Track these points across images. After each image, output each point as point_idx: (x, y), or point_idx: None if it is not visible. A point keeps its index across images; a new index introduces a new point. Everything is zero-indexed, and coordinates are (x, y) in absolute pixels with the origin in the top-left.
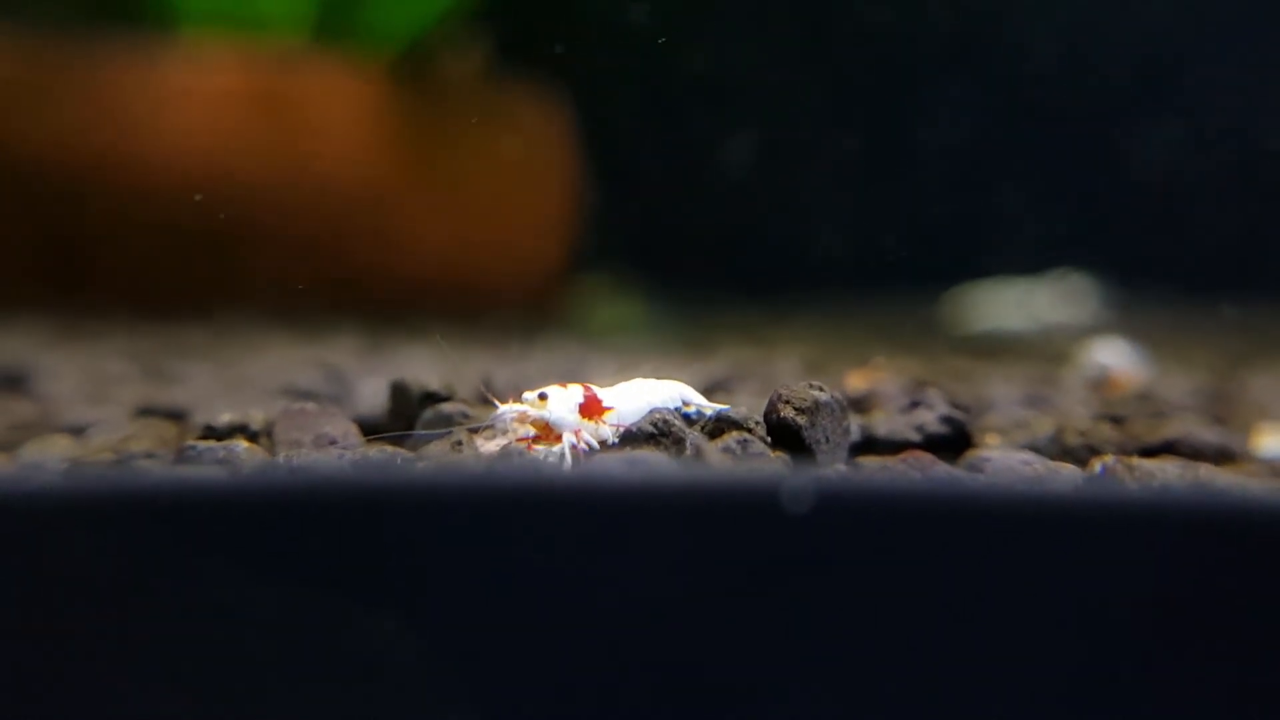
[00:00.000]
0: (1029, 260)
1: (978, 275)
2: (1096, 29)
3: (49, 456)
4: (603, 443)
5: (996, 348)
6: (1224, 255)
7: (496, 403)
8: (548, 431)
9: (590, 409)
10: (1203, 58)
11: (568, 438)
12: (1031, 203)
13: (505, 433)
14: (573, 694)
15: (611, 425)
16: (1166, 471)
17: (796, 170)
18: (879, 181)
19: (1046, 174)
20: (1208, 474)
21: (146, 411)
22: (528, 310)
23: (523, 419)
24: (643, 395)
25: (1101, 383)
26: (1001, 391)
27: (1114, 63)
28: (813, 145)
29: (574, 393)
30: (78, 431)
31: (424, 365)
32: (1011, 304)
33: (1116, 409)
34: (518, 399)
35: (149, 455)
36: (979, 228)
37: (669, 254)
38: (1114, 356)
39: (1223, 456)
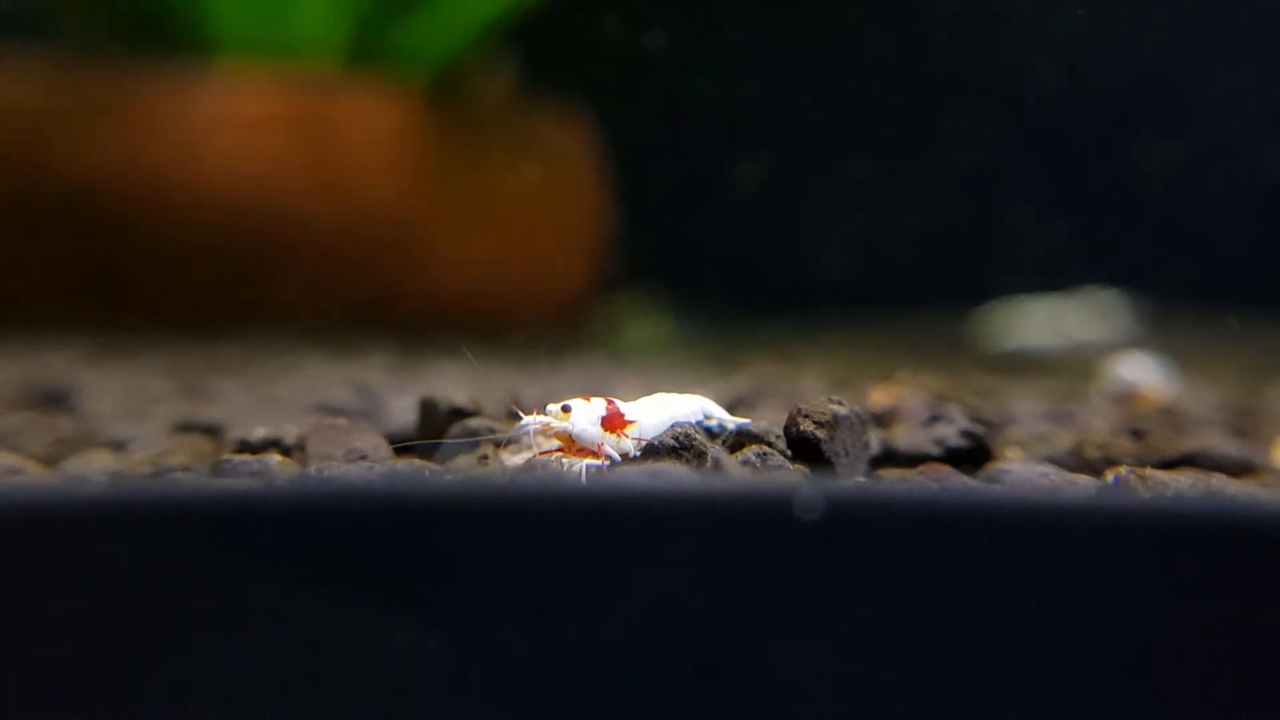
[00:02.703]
0: (1059, 277)
1: (1007, 292)
2: (1126, 43)
3: (90, 469)
4: (625, 456)
5: (1025, 365)
6: (1256, 270)
7: (521, 415)
8: (571, 444)
9: (612, 423)
10: (1233, 70)
11: (591, 445)
12: (1061, 219)
13: (529, 446)
14: (591, 696)
15: (633, 439)
16: (1179, 482)
17: (826, 187)
18: (908, 199)
19: (1076, 190)
20: (1220, 484)
21: (184, 427)
22: (558, 330)
23: (546, 431)
24: (665, 409)
25: (1126, 398)
26: (1024, 406)
27: (1144, 76)
28: (843, 162)
29: (597, 406)
30: (118, 446)
31: (454, 383)
32: (1041, 321)
33: (1139, 423)
34: (541, 412)
35: (186, 469)
36: (1008, 244)
37: (698, 272)
38: (1138, 371)
39: (1243, 469)
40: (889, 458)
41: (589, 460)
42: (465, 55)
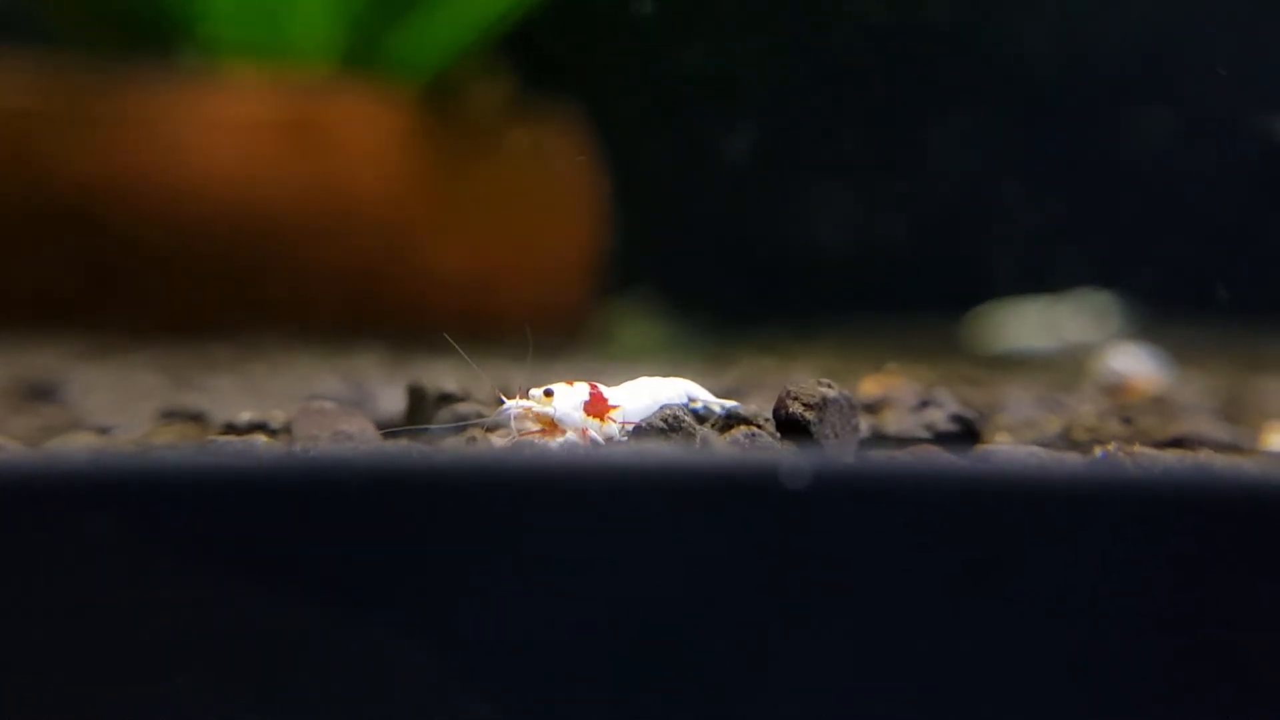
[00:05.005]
0: (1052, 278)
1: (1000, 294)
2: (1128, 49)
3: (73, 446)
4: (609, 440)
5: (1018, 365)
6: (1253, 274)
7: (504, 398)
8: (553, 428)
9: (596, 407)
10: (1241, 75)
11: (575, 429)
12: (1055, 221)
13: (514, 430)
14: (577, 667)
15: (618, 424)
16: (1166, 458)
17: (824, 193)
18: (904, 203)
19: (1071, 192)
20: (1207, 458)
21: (170, 414)
22: (555, 334)
23: (528, 415)
24: (649, 393)
25: (1116, 388)
26: (1014, 395)
27: (1144, 80)
28: (841, 169)
29: (580, 390)
30: (103, 431)
31: (446, 377)
32: (1034, 323)
33: (1129, 412)
34: (525, 397)
35: (170, 448)
36: (1002, 246)
37: (696, 276)
38: (1129, 362)
39: (1232, 452)
40: (879, 441)
41: (571, 436)
42: (461, 60)
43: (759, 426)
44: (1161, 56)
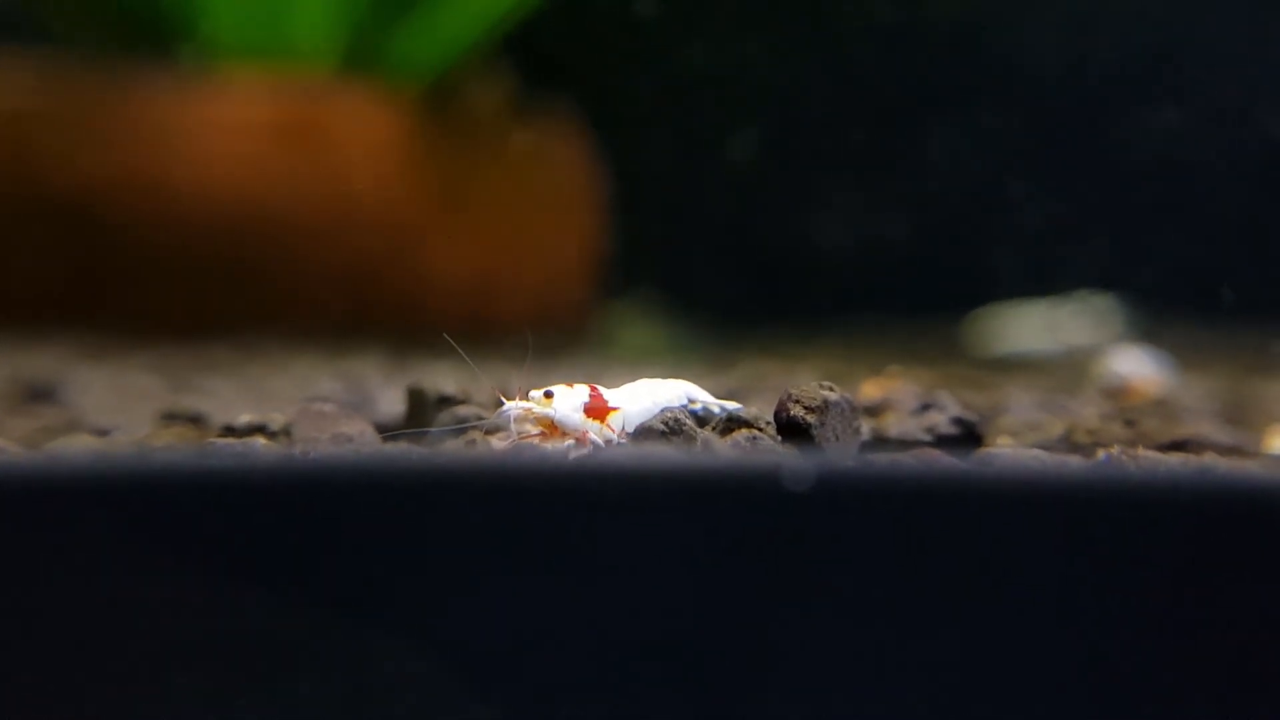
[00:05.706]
0: (1053, 281)
1: (1001, 297)
2: (1130, 49)
3: (74, 448)
4: (609, 442)
5: (1019, 367)
6: (1255, 276)
7: (503, 400)
8: (553, 429)
9: (596, 409)
10: (1245, 75)
11: (574, 431)
12: (1057, 223)
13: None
14: (578, 664)
15: (617, 428)
16: (1170, 461)
17: (825, 194)
18: (906, 205)
19: (1073, 194)
20: (1211, 461)
21: (169, 416)
22: (555, 335)
23: (528, 416)
24: (649, 395)
25: (1118, 390)
26: (1016, 398)
27: (1147, 81)
28: (842, 170)
29: (579, 392)
30: (103, 433)
31: (446, 379)
32: (1035, 325)
33: (1131, 414)
34: (524, 398)
35: (170, 450)
36: (1003, 248)
37: (696, 278)
38: (1132, 365)
39: (1235, 455)
40: (880, 445)
41: (571, 442)
42: (461, 61)
43: (760, 429)
44: (1164, 57)
